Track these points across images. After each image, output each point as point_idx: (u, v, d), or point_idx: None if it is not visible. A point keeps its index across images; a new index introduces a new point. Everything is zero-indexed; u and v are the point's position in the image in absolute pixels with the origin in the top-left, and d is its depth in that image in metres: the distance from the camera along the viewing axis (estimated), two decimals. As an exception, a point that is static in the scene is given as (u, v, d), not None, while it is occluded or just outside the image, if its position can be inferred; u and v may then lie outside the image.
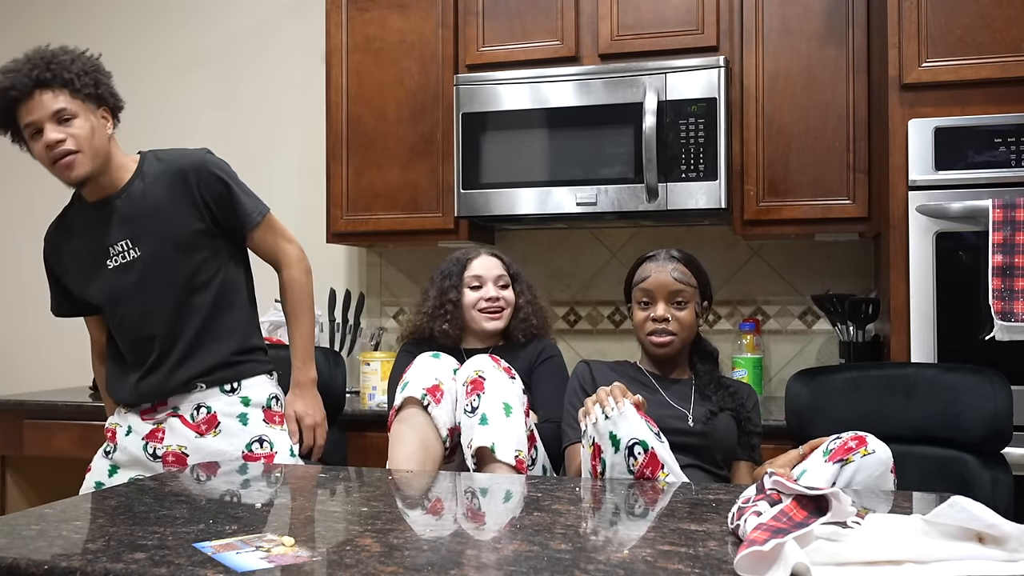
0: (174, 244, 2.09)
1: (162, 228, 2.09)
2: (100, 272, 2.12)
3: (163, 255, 2.09)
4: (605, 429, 1.74)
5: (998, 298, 2.21)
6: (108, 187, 2.10)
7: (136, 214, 2.10)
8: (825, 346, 3.06)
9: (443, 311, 2.41)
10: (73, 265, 2.17)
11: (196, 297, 2.12)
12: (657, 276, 2.12)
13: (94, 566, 1.06)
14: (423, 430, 2.03)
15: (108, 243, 2.10)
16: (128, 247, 2.10)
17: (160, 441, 2.12)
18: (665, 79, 2.73)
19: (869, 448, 1.71)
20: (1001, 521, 1.08)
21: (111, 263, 2.11)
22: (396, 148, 3.06)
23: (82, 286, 2.17)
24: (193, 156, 2.14)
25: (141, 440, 2.13)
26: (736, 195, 2.77)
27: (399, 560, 1.10)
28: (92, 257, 2.13)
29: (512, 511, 1.50)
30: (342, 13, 3.12)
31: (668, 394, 2.12)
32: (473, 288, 2.42)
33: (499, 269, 2.46)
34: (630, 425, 1.73)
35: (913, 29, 2.38)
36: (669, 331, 2.11)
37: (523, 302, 2.47)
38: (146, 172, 2.12)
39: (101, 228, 2.11)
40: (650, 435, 1.74)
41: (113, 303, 2.13)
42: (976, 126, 2.30)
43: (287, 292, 2.22)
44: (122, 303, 2.12)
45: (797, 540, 1.04)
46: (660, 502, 1.52)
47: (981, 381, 2.01)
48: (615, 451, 1.73)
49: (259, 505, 1.39)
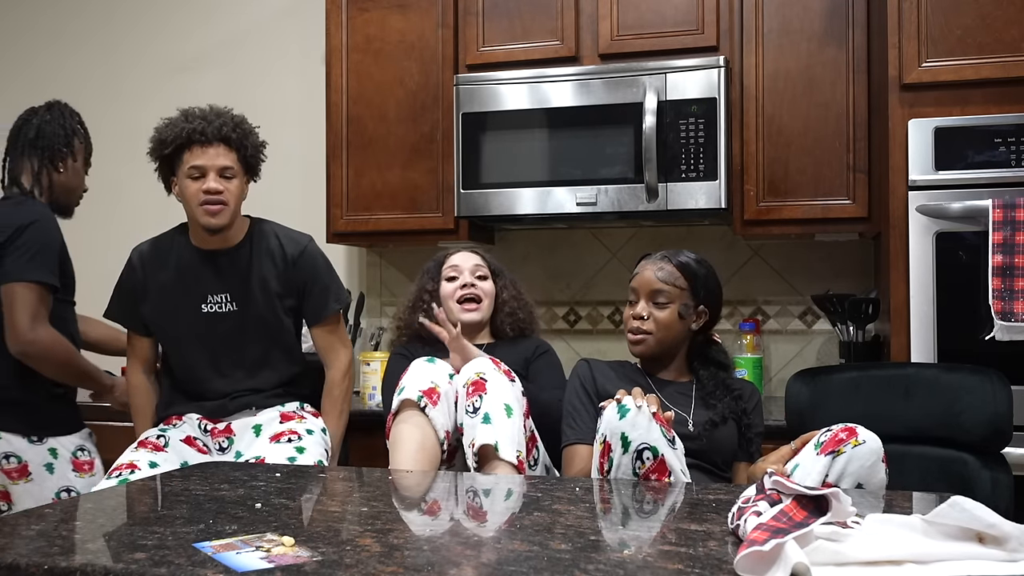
0: (270, 310, 2.36)
1: (261, 296, 2.36)
2: (191, 312, 2.35)
3: (257, 316, 2.35)
4: (618, 429, 1.74)
5: (998, 298, 2.21)
6: (222, 241, 2.35)
7: (240, 276, 2.35)
8: (825, 346, 3.05)
9: (421, 302, 2.48)
10: (159, 295, 2.37)
11: (280, 355, 2.40)
12: (643, 274, 2.14)
13: (94, 566, 1.06)
14: (421, 432, 2.03)
15: (208, 290, 2.35)
16: (227, 300, 2.35)
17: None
18: (665, 79, 2.73)
19: (860, 438, 1.71)
20: (1001, 521, 1.08)
21: (206, 308, 2.35)
22: (396, 148, 3.06)
23: (159, 315, 2.38)
24: (300, 241, 2.42)
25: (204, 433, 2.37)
26: (736, 195, 2.77)
27: (399, 560, 1.10)
28: (186, 297, 2.35)
29: (512, 511, 1.50)
30: (342, 13, 3.12)
31: (666, 395, 2.11)
32: (450, 279, 2.46)
33: (477, 260, 2.49)
34: (644, 429, 1.73)
35: (913, 29, 2.38)
36: (643, 329, 2.11)
37: (507, 296, 2.48)
38: (256, 240, 2.39)
39: (203, 274, 2.35)
40: (663, 441, 1.73)
41: (195, 341, 2.35)
42: (976, 126, 2.30)
43: (328, 392, 2.45)
44: (204, 346, 2.35)
45: (797, 540, 1.04)
46: (660, 502, 1.52)
47: (981, 381, 2.01)
48: (623, 451, 1.73)
49: (259, 505, 1.39)
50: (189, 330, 2.35)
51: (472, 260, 2.49)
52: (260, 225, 2.43)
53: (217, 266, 2.35)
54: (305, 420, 2.34)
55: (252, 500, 1.43)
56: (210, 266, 2.35)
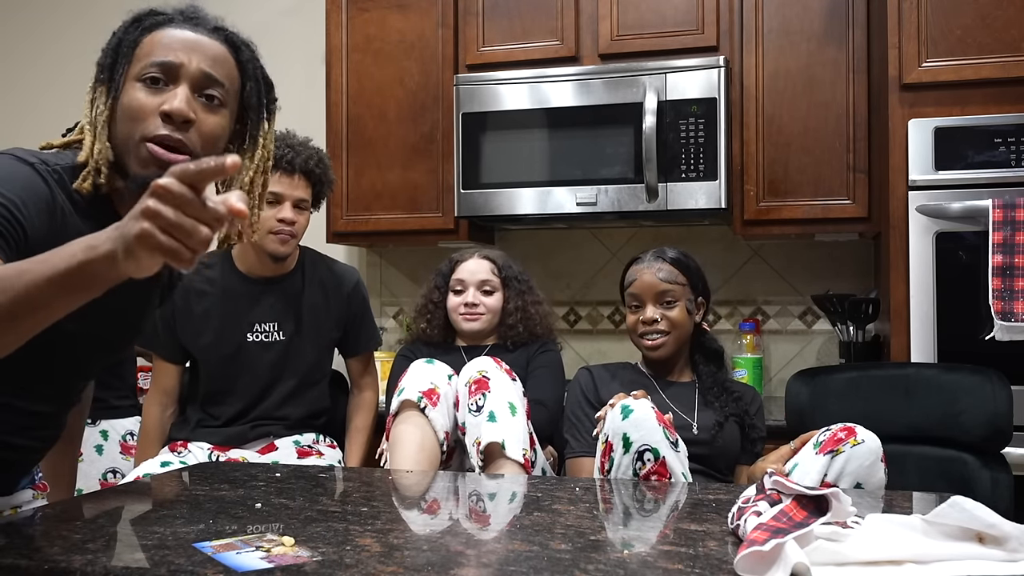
0: (315, 342, 2.35)
1: (310, 328, 2.34)
2: (235, 340, 2.29)
3: (301, 348, 2.33)
4: (620, 429, 1.74)
5: (998, 298, 2.21)
6: (273, 269, 2.32)
7: (290, 306, 2.33)
8: (825, 346, 3.05)
9: (426, 311, 2.51)
10: (201, 321, 2.30)
11: (309, 390, 2.37)
12: (643, 278, 2.13)
13: (94, 566, 1.06)
14: (421, 433, 2.04)
15: (255, 319, 2.31)
16: (275, 329, 2.32)
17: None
18: (665, 79, 2.73)
19: (858, 438, 1.72)
20: (1001, 521, 1.08)
21: (252, 337, 2.31)
22: (396, 148, 3.06)
23: (197, 341, 2.30)
24: (351, 276, 2.44)
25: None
26: (736, 195, 2.77)
27: (399, 560, 1.10)
28: (232, 324, 2.30)
29: (512, 511, 1.50)
30: (342, 13, 3.12)
31: (669, 397, 2.11)
32: (456, 292, 2.46)
33: (485, 274, 2.46)
34: (646, 430, 1.73)
35: (913, 29, 2.38)
36: (660, 331, 2.11)
37: (512, 308, 2.45)
38: (307, 271, 2.38)
39: (251, 302, 2.31)
40: (664, 443, 1.73)
41: (233, 369, 2.29)
42: (976, 126, 2.30)
43: (354, 428, 2.46)
44: (240, 375, 2.29)
45: (797, 540, 1.04)
46: (660, 502, 1.52)
47: (981, 381, 2.01)
48: (624, 451, 1.73)
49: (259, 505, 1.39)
50: (230, 358, 2.29)
51: (479, 275, 2.45)
52: (310, 255, 2.42)
53: (267, 294, 2.32)
54: (324, 456, 2.34)
55: (252, 500, 1.43)
56: (259, 294, 2.32)
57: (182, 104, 1.26)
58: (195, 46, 1.31)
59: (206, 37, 1.34)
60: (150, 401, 2.36)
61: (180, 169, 0.94)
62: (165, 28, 1.32)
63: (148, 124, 1.26)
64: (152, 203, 0.93)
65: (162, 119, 1.26)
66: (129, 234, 0.95)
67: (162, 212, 0.93)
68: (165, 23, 1.32)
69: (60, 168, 1.27)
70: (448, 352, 2.41)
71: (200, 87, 1.30)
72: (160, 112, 1.26)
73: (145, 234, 0.93)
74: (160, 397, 2.35)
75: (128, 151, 1.27)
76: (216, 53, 1.33)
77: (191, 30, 1.33)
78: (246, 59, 1.39)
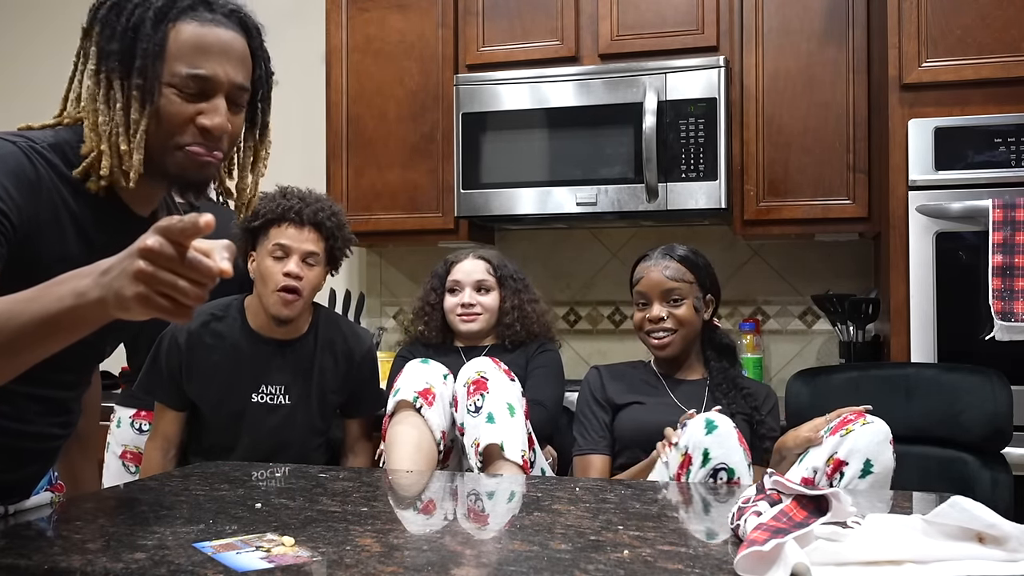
0: (321, 409, 2.26)
1: (317, 393, 2.24)
2: (240, 399, 2.21)
3: (307, 413, 2.24)
4: (701, 444, 1.75)
5: (998, 298, 2.21)
6: (287, 331, 2.22)
7: (299, 369, 2.23)
8: (825, 346, 3.06)
9: (424, 312, 2.48)
10: (208, 375, 2.22)
11: (311, 453, 2.27)
12: (650, 276, 2.13)
13: (94, 566, 1.06)
14: (418, 432, 2.04)
15: (262, 380, 2.21)
16: (281, 392, 2.22)
17: None
18: (665, 79, 2.73)
19: (868, 419, 1.74)
20: (1001, 521, 1.08)
21: (256, 398, 2.22)
22: (396, 148, 3.06)
23: (202, 392, 2.23)
24: (364, 341, 2.33)
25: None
26: (736, 195, 2.77)
27: (399, 560, 1.10)
28: (238, 382, 2.21)
29: (512, 511, 1.50)
30: (342, 13, 3.12)
31: (678, 395, 2.11)
32: (452, 292, 2.44)
33: (481, 274, 2.43)
34: (727, 448, 1.74)
35: (913, 29, 2.38)
36: (667, 329, 2.11)
37: (508, 307, 2.43)
38: (320, 334, 2.26)
39: (260, 362, 2.21)
40: (743, 464, 1.75)
41: (235, 427, 2.21)
42: (976, 126, 2.30)
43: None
44: (241, 433, 2.21)
45: (797, 540, 1.04)
46: (660, 502, 1.52)
47: (981, 381, 2.01)
48: (702, 466, 1.74)
49: (259, 505, 1.39)
50: (233, 417, 2.22)
51: (476, 274, 2.43)
52: (324, 315, 2.31)
53: (277, 356, 2.22)
54: None
55: (252, 500, 1.43)
56: (269, 354, 2.22)
57: (223, 121, 1.27)
58: (227, 50, 1.29)
59: (229, 31, 1.31)
60: (151, 446, 2.29)
61: (164, 227, 0.96)
62: (188, 20, 1.28)
63: (186, 134, 1.27)
64: (144, 265, 0.96)
65: (200, 132, 1.27)
66: (124, 294, 0.98)
67: (157, 275, 0.96)
68: (187, 10, 1.28)
69: (45, 147, 1.27)
70: (447, 353, 2.41)
71: (232, 99, 1.30)
72: (199, 126, 1.26)
73: (141, 297, 0.97)
74: (161, 442, 2.27)
75: (163, 155, 1.28)
76: (241, 54, 1.32)
77: (216, 25, 1.29)
78: (257, 46, 1.38)
